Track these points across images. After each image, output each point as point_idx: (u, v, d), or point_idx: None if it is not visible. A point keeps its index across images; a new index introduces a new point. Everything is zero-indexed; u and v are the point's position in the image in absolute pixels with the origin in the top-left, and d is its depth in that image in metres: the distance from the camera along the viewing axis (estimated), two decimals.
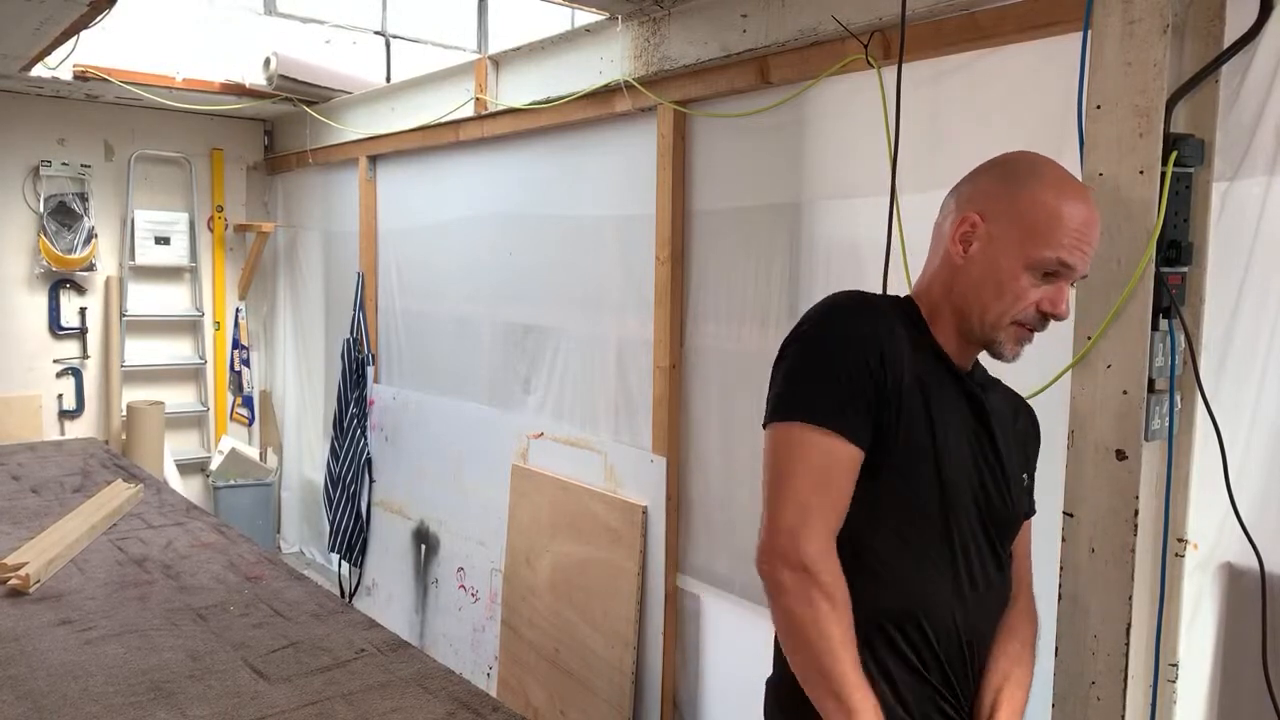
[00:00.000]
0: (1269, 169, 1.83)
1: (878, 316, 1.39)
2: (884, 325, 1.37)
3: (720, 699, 3.18)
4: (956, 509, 1.38)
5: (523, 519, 3.89)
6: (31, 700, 1.90)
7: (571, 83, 3.47)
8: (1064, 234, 1.34)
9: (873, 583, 1.35)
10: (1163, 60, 1.77)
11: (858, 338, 1.35)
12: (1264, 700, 1.82)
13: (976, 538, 1.41)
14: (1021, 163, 1.42)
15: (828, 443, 1.32)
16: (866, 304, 1.43)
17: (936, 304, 1.44)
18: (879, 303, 1.46)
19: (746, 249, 3.01)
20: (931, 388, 1.38)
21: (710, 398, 3.17)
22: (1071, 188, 1.39)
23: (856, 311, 1.40)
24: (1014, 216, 1.36)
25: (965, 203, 1.42)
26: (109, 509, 3.13)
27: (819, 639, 1.27)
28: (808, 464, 1.32)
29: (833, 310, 1.40)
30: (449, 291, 4.47)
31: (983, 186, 1.42)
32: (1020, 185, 1.38)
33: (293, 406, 5.97)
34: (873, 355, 1.33)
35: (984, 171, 1.45)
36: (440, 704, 1.92)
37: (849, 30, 2.49)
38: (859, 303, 1.43)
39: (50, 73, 4.58)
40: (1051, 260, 1.35)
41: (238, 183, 5.98)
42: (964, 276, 1.40)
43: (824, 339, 1.37)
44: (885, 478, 1.35)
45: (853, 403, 1.32)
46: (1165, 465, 1.87)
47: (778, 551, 1.30)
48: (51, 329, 5.40)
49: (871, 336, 1.35)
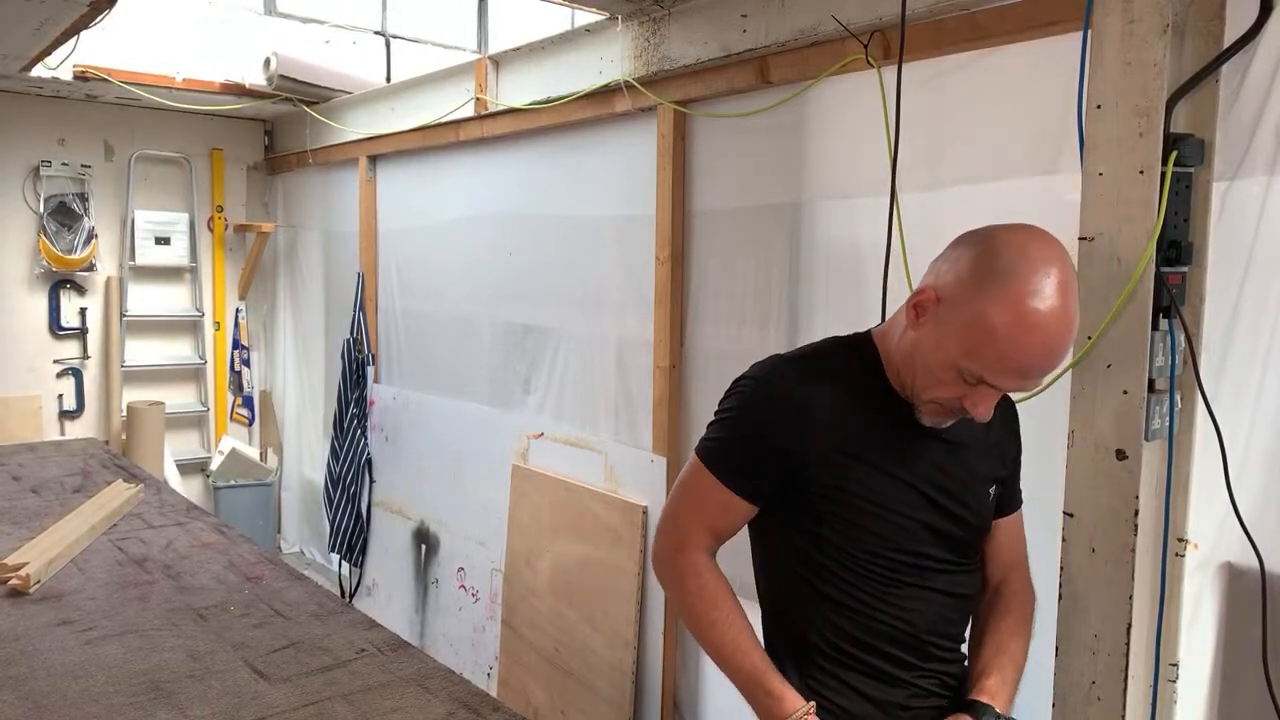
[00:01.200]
0: (1269, 169, 1.83)
1: (808, 389, 1.47)
2: (813, 397, 1.46)
3: (720, 699, 3.17)
4: (907, 543, 1.47)
5: (523, 519, 3.89)
6: (32, 700, 1.90)
7: (571, 83, 3.47)
8: (1000, 361, 1.30)
9: (834, 612, 1.50)
10: (1163, 60, 1.77)
11: (776, 414, 1.47)
12: (1264, 700, 1.82)
13: (934, 557, 1.50)
14: (1005, 258, 1.30)
15: (718, 490, 1.50)
16: (801, 375, 1.51)
17: (891, 350, 1.49)
18: (817, 367, 1.52)
19: (746, 249, 3.01)
20: (868, 442, 1.46)
21: (710, 398, 3.15)
22: (1040, 310, 1.26)
23: (785, 385, 1.49)
24: (962, 314, 1.32)
25: (935, 271, 1.41)
26: (109, 509, 3.13)
27: (709, 630, 1.51)
28: (699, 499, 1.54)
29: (769, 378, 1.51)
30: (449, 291, 4.47)
31: (957, 263, 1.36)
32: (984, 289, 1.29)
33: (293, 407, 5.97)
34: (788, 432, 1.45)
35: (968, 247, 1.37)
36: (440, 704, 1.92)
37: (849, 30, 2.49)
38: (794, 374, 1.51)
39: (50, 73, 4.58)
40: (973, 374, 1.34)
41: (238, 183, 5.98)
42: (908, 339, 1.43)
43: (748, 405, 1.50)
44: (831, 524, 1.47)
45: (750, 468, 1.49)
46: (1165, 465, 1.87)
47: (661, 559, 1.58)
48: (52, 329, 5.40)
49: (792, 413, 1.45)
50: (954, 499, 1.50)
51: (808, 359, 1.56)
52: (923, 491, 1.47)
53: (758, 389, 1.50)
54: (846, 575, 1.47)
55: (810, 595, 1.50)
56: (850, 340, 1.57)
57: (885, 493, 1.45)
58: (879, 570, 1.47)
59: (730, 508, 1.51)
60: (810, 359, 1.55)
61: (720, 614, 1.49)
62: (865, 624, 1.48)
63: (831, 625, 1.50)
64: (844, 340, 1.59)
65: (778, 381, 1.50)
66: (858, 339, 1.56)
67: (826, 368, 1.52)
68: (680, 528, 1.54)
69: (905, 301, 1.46)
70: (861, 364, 1.51)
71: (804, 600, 1.52)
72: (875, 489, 1.45)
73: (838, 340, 1.60)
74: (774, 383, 1.50)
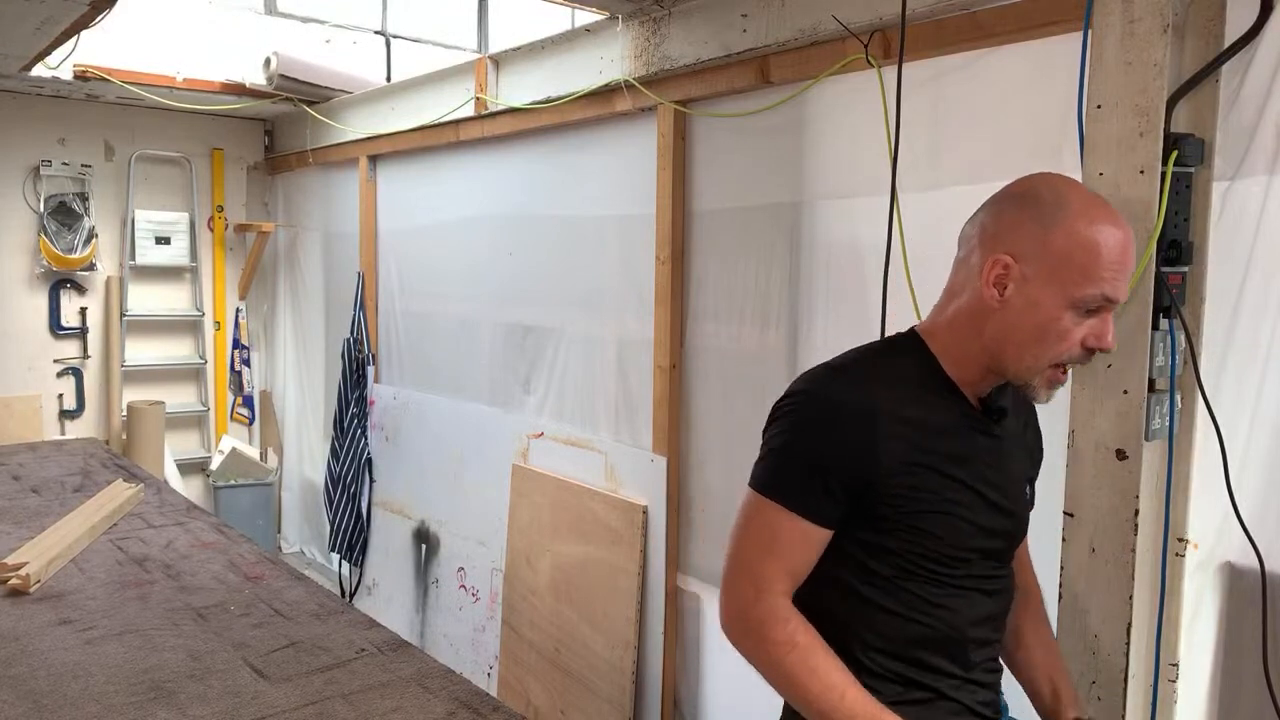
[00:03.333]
0: (1269, 168, 1.83)
1: (867, 396, 1.36)
2: (874, 404, 1.35)
3: (720, 699, 3.18)
4: (962, 543, 1.40)
5: (523, 519, 3.89)
6: (32, 700, 1.90)
7: (572, 82, 3.47)
8: (1103, 267, 1.29)
9: (878, 617, 1.41)
10: (1163, 60, 1.77)
11: (839, 428, 1.35)
12: (1264, 700, 1.82)
13: (983, 554, 1.44)
14: (1045, 192, 1.33)
15: (791, 522, 1.36)
16: (856, 383, 1.39)
17: (960, 342, 1.40)
18: (869, 373, 1.41)
19: (746, 249, 3.01)
20: (933, 446, 1.37)
21: (710, 397, 3.17)
22: (1102, 212, 1.32)
23: (843, 395, 1.37)
24: (1049, 255, 1.30)
25: (992, 241, 1.35)
26: (109, 509, 3.13)
27: (809, 680, 1.33)
28: (769, 539, 1.37)
29: (822, 390, 1.39)
30: (449, 291, 4.47)
31: (1008, 221, 1.34)
32: (1050, 220, 1.30)
33: (293, 406, 5.97)
34: (855, 444, 1.34)
35: (1007, 204, 1.37)
36: (441, 704, 1.92)
37: (849, 30, 2.49)
38: (849, 382, 1.39)
39: (51, 72, 4.58)
40: (1096, 297, 1.29)
41: (238, 183, 5.99)
42: (999, 320, 1.34)
43: (806, 422, 1.37)
44: (894, 532, 1.37)
45: (823, 489, 1.35)
46: (1165, 465, 1.87)
47: (735, 618, 1.38)
48: (52, 329, 5.40)
49: (855, 424, 1.34)
50: (1005, 497, 1.45)
51: (859, 364, 1.43)
52: (979, 491, 1.41)
53: (813, 403, 1.37)
54: (897, 578, 1.39)
55: (855, 601, 1.41)
56: (895, 341, 1.48)
57: (948, 495, 1.38)
58: (930, 572, 1.40)
59: (809, 539, 1.36)
60: (861, 364, 1.43)
61: (818, 659, 1.34)
62: (910, 629, 1.40)
63: (874, 631, 1.41)
64: (887, 343, 1.50)
65: (834, 392, 1.38)
66: (902, 340, 1.46)
67: (879, 373, 1.41)
68: (753, 577, 1.36)
69: (960, 283, 1.40)
70: (916, 364, 1.41)
71: (846, 606, 1.41)
72: (940, 492, 1.37)
73: (880, 344, 1.51)
74: (830, 394, 1.38)
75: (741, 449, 3.05)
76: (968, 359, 1.39)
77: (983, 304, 1.35)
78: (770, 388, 2.93)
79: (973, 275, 1.37)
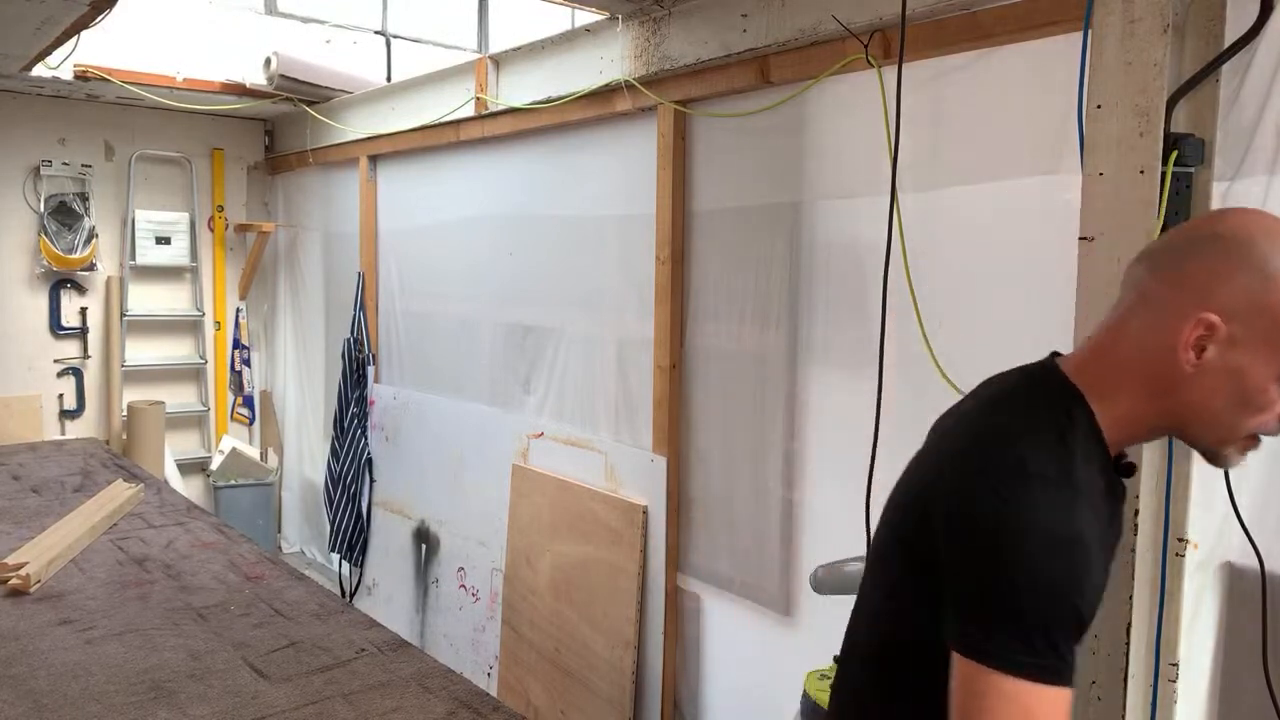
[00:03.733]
0: (1269, 169, 1.83)
1: (1083, 519, 1.07)
2: (1088, 526, 1.08)
3: (721, 698, 3.18)
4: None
5: (523, 519, 3.89)
6: (32, 699, 1.90)
7: (572, 82, 3.47)
8: None
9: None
10: (1163, 60, 1.77)
11: (1071, 572, 1.04)
12: (1264, 700, 1.82)
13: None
14: (1260, 238, 1.11)
15: (1064, 701, 1.02)
16: (1070, 503, 1.07)
17: (1130, 402, 1.17)
18: (1072, 478, 1.10)
19: (746, 249, 3.01)
20: (1109, 545, 1.18)
21: (710, 397, 3.17)
22: None
23: (1067, 527, 1.05)
24: (1266, 316, 1.09)
25: (1194, 294, 1.12)
26: (110, 509, 3.13)
27: None
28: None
29: (1047, 525, 1.05)
30: (449, 291, 4.47)
31: (1213, 271, 1.12)
32: (1271, 274, 1.09)
33: (293, 406, 5.97)
34: (1085, 583, 1.06)
35: (1209, 249, 1.14)
36: (441, 703, 1.93)
37: (849, 30, 2.49)
38: (1061, 478, 1.08)
39: (51, 72, 4.58)
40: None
41: (238, 183, 5.99)
42: (1194, 386, 1.13)
43: (1040, 573, 1.03)
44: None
45: (1068, 633, 1.04)
46: (1165, 465, 1.87)
47: None
48: (52, 329, 5.40)
49: (1082, 560, 1.06)
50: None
51: (1061, 465, 1.10)
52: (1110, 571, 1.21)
53: (1043, 544, 1.04)
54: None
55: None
56: (1058, 400, 1.17)
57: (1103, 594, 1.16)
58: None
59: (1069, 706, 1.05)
60: (1063, 465, 1.10)
61: None
62: None
63: None
64: (1055, 404, 1.17)
65: (1059, 526, 1.05)
66: (1062, 398, 1.17)
67: (1077, 473, 1.11)
68: None
69: (1131, 317, 1.19)
70: (1086, 436, 1.15)
71: None
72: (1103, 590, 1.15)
73: (1048, 405, 1.17)
74: (1056, 529, 1.05)
75: (741, 448, 3.05)
76: (1135, 420, 1.18)
77: (1172, 366, 1.14)
78: (770, 387, 2.93)
79: (1158, 330, 1.14)
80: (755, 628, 2.99)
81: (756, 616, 2.98)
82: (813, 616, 2.79)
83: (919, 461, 1.25)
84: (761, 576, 2.97)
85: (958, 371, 2.24)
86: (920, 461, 1.25)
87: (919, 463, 1.25)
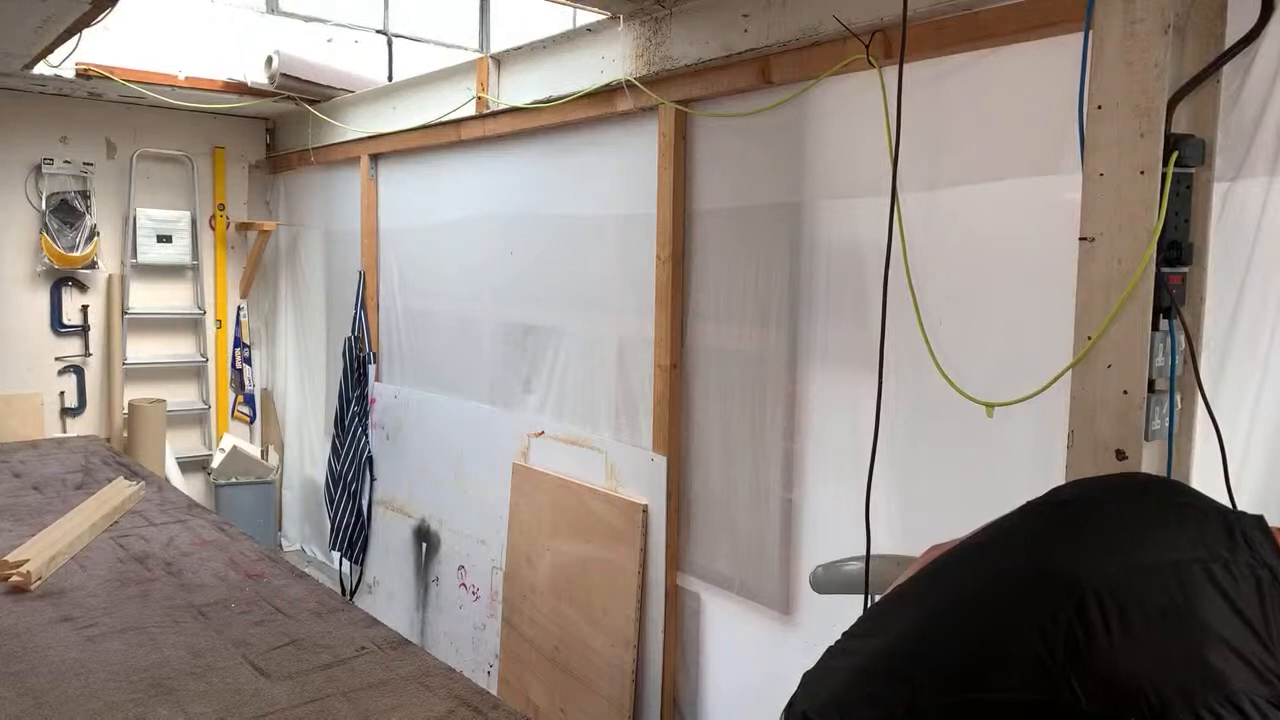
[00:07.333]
0: (1270, 169, 1.84)
1: None
2: None
3: (720, 697, 3.18)
4: None
5: (523, 518, 3.90)
6: (33, 697, 1.90)
7: (573, 82, 3.47)
8: None
9: None
10: (1164, 60, 1.77)
11: None
12: None
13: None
14: None
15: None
16: None
17: None
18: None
19: (747, 249, 3.01)
20: None
21: (711, 397, 3.17)
22: None
23: None
24: None
25: None
26: (110, 507, 3.13)
27: None
28: None
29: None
30: (450, 290, 4.48)
31: None
32: None
33: (294, 405, 5.97)
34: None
35: None
36: (441, 702, 1.93)
37: (850, 30, 2.50)
38: None
39: (53, 71, 4.59)
40: None
41: (239, 181, 5.99)
42: None
43: None
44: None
45: None
46: (1165, 465, 1.87)
47: None
48: (53, 327, 5.41)
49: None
50: None
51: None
52: None
53: None
54: None
55: None
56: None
57: None
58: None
59: None
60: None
61: None
62: None
63: None
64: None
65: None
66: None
67: None
68: None
69: None
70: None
71: None
72: None
73: None
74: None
75: (742, 448, 3.06)
76: None
77: None
78: (770, 387, 2.93)
79: None
80: (755, 627, 2.99)
81: (756, 616, 2.98)
82: (812, 616, 2.79)
83: None
84: (761, 576, 2.97)
85: (958, 371, 2.24)
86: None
87: None
